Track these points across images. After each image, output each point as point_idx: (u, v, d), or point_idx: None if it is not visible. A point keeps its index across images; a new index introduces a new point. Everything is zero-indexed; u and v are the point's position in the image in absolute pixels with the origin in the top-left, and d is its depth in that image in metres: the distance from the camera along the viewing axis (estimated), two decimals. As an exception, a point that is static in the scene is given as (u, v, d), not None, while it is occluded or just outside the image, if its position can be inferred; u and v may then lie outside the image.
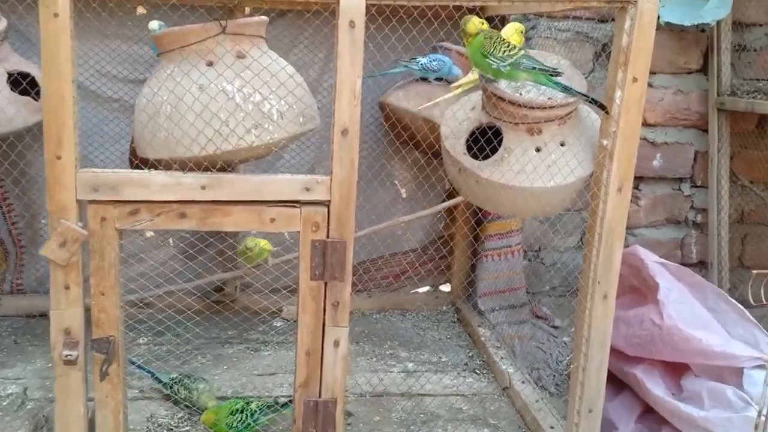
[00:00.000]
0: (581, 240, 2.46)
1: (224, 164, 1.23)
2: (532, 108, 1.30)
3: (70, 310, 1.20)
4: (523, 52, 1.29)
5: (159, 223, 1.21)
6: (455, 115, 1.45)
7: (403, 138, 2.01)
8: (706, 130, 2.13)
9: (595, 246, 1.37)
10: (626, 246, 2.30)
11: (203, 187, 1.20)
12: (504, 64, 1.27)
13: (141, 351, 1.92)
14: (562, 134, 1.36)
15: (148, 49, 1.99)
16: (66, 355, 1.20)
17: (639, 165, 2.16)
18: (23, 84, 1.69)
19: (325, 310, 1.29)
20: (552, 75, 1.27)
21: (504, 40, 1.30)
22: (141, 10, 2.01)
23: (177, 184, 1.19)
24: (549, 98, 1.32)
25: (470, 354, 2.03)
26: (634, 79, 1.28)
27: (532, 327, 2.24)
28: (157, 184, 1.19)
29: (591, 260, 1.38)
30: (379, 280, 2.35)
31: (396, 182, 2.30)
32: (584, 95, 1.31)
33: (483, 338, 2.04)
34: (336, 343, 1.31)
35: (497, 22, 2.03)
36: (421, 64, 1.95)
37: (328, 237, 1.26)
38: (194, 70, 1.20)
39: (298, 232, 1.25)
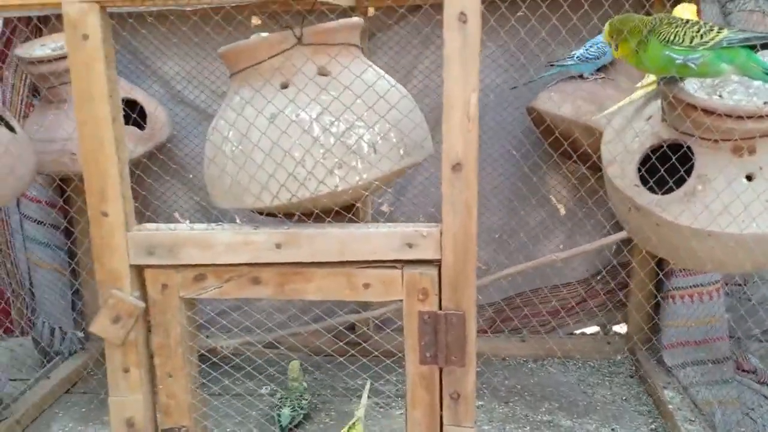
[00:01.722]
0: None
1: (304, 215, 0.95)
2: (741, 118, 0.87)
3: (132, 396, 0.99)
4: (726, 31, 0.87)
5: (228, 291, 0.97)
6: (624, 129, 1.05)
7: (561, 149, 1.62)
8: None
9: None
10: None
11: (278, 246, 0.93)
12: (695, 55, 0.86)
13: (263, 404, 1.72)
14: (789, 153, 0.91)
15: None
16: (131, 450, 1.00)
17: None
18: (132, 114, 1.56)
19: (441, 404, 0.97)
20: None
21: (689, 20, 0.89)
22: (256, 20, 1.82)
23: (246, 243, 0.94)
24: (766, 102, 0.88)
25: (653, 426, 1.58)
26: None
27: (737, 387, 1.73)
28: (222, 243, 0.94)
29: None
30: (534, 319, 1.97)
31: (552, 197, 1.91)
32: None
33: (671, 405, 1.58)
34: (459, 449, 0.98)
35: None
36: (577, 57, 1.56)
37: (440, 308, 0.94)
38: (264, 95, 0.94)
39: (401, 301, 0.95)
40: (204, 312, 1.93)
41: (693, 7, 1.25)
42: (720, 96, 0.95)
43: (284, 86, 0.96)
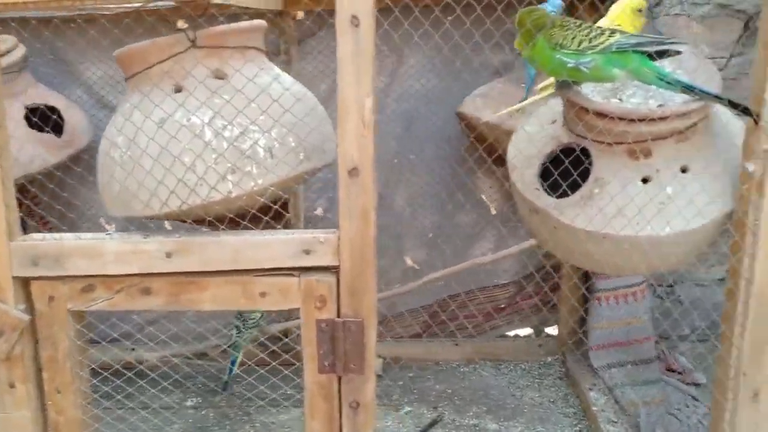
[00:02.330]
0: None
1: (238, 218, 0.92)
2: (633, 121, 0.88)
3: (18, 413, 0.95)
4: (618, 35, 0.87)
5: (119, 302, 0.93)
6: (526, 133, 1.05)
7: (490, 153, 1.62)
8: None
9: (738, 322, 0.92)
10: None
11: (168, 255, 0.90)
12: (585, 60, 0.86)
13: (188, 416, 1.68)
14: (684, 156, 0.92)
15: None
16: (18, 470, 0.95)
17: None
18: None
19: (341, 413, 0.95)
20: (662, 55, 0.85)
21: (582, 24, 0.89)
22: (182, 24, 1.77)
23: (136, 252, 0.90)
24: (660, 104, 0.89)
25: (578, 427, 1.59)
26: (797, 69, 0.82)
27: (663, 387, 1.75)
28: (111, 252, 0.90)
29: (732, 342, 0.93)
30: (467, 321, 1.97)
31: (483, 197, 1.91)
32: (716, 96, 0.87)
33: (595, 407, 1.59)
34: (359, 459, 0.96)
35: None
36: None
37: (339, 315, 0.92)
38: (153, 99, 0.91)
39: (298, 309, 0.93)
40: (131, 321, 1.87)
41: (638, 3, 1.21)
42: (620, 99, 0.95)
43: (178, 90, 0.93)
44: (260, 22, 0.98)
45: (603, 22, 1.17)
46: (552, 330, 2.01)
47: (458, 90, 1.76)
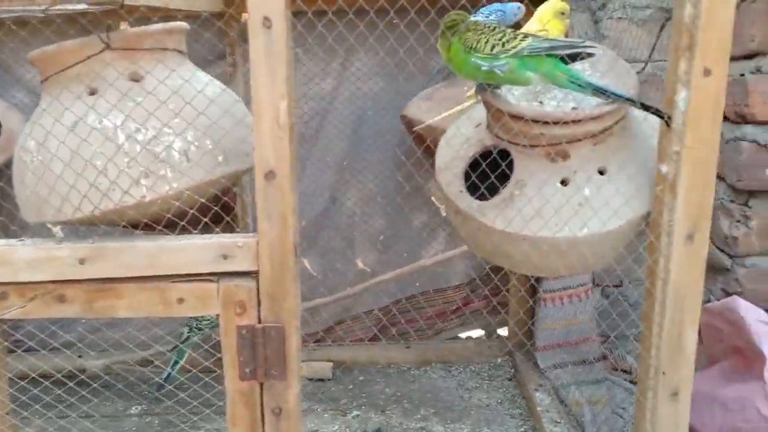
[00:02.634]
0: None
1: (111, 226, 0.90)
2: (548, 123, 0.88)
3: (-71, 425, 0.92)
4: (530, 39, 0.87)
5: (34, 310, 0.91)
6: (453, 136, 1.05)
7: (426, 155, 1.62)
8: (841, 126, 1.58)
9: (656, 321, 0.93)
10: (727, 282, 1.77)
11: (82, 261, 0.88)
12: (500, 63, 0.86)
13: (132, 424, 1.65)
14: (600, 158, 0.93)
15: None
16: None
17: (747, 176, 1.66)
18: None
19: (263, 420, 0.94)
20: (576, 58, 0.85)
21: (496, 28, 0.89)
22: (124, 25, 1.75)
23: (49, 259, 0.88)
24: (575, 107, 0.89)
25: (523, 428, 1.60)
26: (707, 72, 0.83)
27: (609, 387, 1.77)
28: (23, 259, 0.88)
29: (652, 341, 0.94)
30: (419, 323, 1.97)
31: (433, 199, 1.91)
32: (627, 99, 0.87)
33: (540, 408, 1.60)
34: (285, 465, 0.95)
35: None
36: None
37: (259, 321, 0.91)
38: (64, 102, 0.89)
39: (218, 315, 0.91)
40: (73, 328, 1.84)
41: (561, 5, 1.23)
42: (540, 102, 0.96)
43: (92, 93, 0.91)
44: (180, 24, 0.97)
45: (531, 25, 1.19)
46: (503, 331, 2.02)
47: (406, 92, 1.76)
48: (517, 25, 1.54)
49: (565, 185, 0.92)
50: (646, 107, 0.86)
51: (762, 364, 1.17)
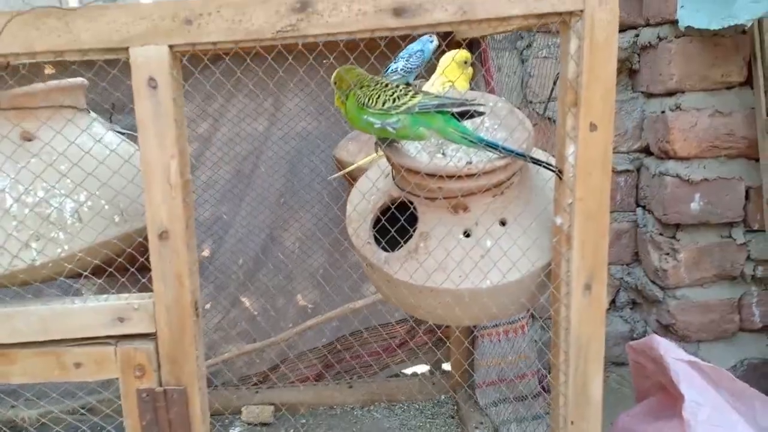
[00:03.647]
0: (613, 301, 1.97)
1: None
2: (443, 177, 0.89)
3: None
4: (421, 96, 0.88)
5: None
6: (363, 185, 1.06)
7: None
8: (757, 159, 1.62)
9: (561, 370, 0.93)
10: (660, 313, 1.80)
11: (-29, 328, 0.86)
12: (392, 120, 0.87)
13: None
14: (500, 210, 0.94)
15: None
16: None
17: (673, 209, 1.69)
18: None
19: (167, 485, 0.91)
20: (467, 113, 0.86)
21: (389, 84, 0.90)
22: (49, 69, 1.73)
23: (-64, 326, 0.86)
24: (469, 162, 0.90)
25: (461, 469, 1.59)
26: (593, 126, 0.85)
27: (547, 422, 1.77)
28: None
29: (558, 390, 0.94)
30: (359, 362, 1.95)
31: None
32: (518, 154, 0.89)
33: (478, 446, 1.59)
34: None
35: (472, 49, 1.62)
36: (402, 70, 1.52)
37: (160, 384, 0.89)
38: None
39: (117, 379, 0.89)
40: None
41: (463, 55, 1.27)
42: (443, 154, 0.96)
43: (-20, 154, 0.89)
44: (77, 81, 0.96)
45: (435, 78, 1.20)
46: (449, 366, 2.01)
47: (336, 132, 1.77)
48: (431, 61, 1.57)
49: (468, 237, 0.93)
50: (536, 161, 0.88)
51: (681, 403, 1.18)
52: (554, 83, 1.00)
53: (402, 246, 0.95)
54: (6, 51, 0.81)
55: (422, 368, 2.05)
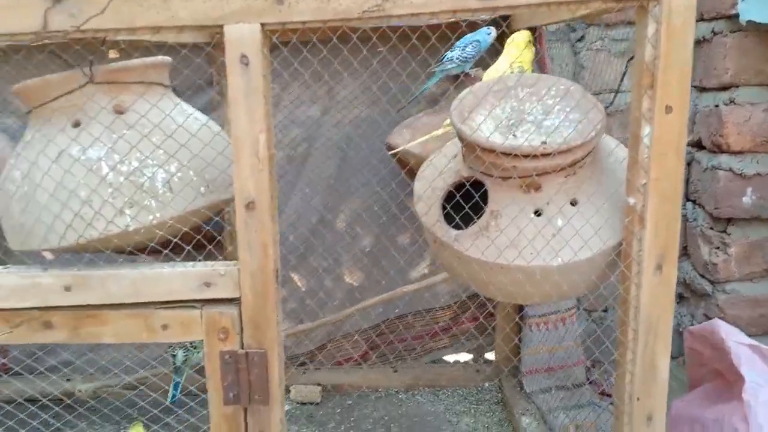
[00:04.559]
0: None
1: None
2: (518, 156, 0.92)
3: None
4: None
5: (20, 336, 0.93)
6: (431, 166, 1.09)
7: (409, 179, 1.66)
8: (814, 154, 1.62)
9: (629, 348, 0.95)
10: (709, 307, 1.80)
11: (67, 288, 0.91)
12: None
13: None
14: (572, 189, 0.96)
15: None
16: None
17: (725, 203, 1.69)
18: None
19: (246, 444, 0.96)
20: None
21: None
22: (113, 54, 1.79)
23: (34, 286, 0.91)
24: (544, 141, 0.93)
25: (508, 453, 1.62)
26: (668, 109, 0.87)
27: (595, 410, 1.78)
28: (7, 286, 0.91)
29: (626, 367, 0.96)
30: (404, 345, 1.98)
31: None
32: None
33: (527, 431, 1.62)
34: (267, 487, 0.97)
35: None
36: (458, 59, 1.56)
37: (242, 347, 0.93)
38: (47, 135, 0.92)
39: (202, 341, 0.94)
40: (59, 353, 1.85)
41: (520, 39, 1.29)
42: (514, 135, 0.99)
43: (76, 125, 0.94)
44: (163, 59, 1.00)
45: (503, 58, 1.23)
46: (491, 355, 2.03)
47: (389, 119, 1.80)
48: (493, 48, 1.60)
49: (539, 216, 0.96)
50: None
51: (741, 385, 1.19)
52: (624, 71, 1.02)
53: (474, 223, 0.98)
54: (108, 26, 0.85)
55: (464, 357, 2.07)
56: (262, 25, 0.87)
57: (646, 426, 0.97)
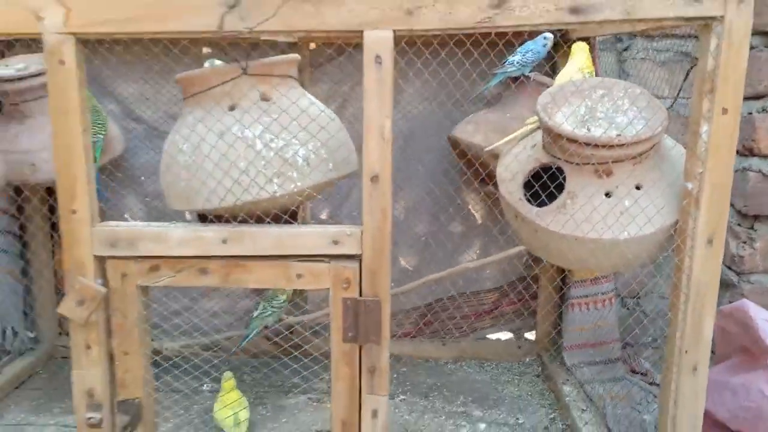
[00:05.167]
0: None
1: (247, 216, 1.13)
2: (596, 146, 1.11)
3: (92, 370, 1.14)
4: None
5: (180, 280, 1.14)
6: (513, 154, 1.28)
7: (477, 173, 1.86)
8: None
9: (681, 309, 1.14)
10: (734, 296, 1.99)
11: (224, 241, 1.11)
12: None
13: (204, 398, 1.86)
14: (638, 176, 1.15)
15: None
16: (89, 418, 1.14)
17: (753, 202, 1.88)
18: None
19: (361, 376, 1.16)
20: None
21: None
22: (207, 50, 2.00)
23: (197, 238, 1.11)
24: (618, 134, 1.12)
25: (552, 416, 1.81)
26: (724, 111, 1.06)
27: (626, 385, 1.97)
28: (175, 238, 1.11)
29: (677, 325, 1.16)
30: (453, 323, 2.18)
31: (471, 208, 2.14)
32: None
33: (567, 398, 1.81)
34: (374, 414, 1.17)
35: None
36: (518, 63, 1.76)
37: (360, 295, 1.13)
38: (214, 115, 1.13)
39: (328, 289, 1.14)
40: (154, 312, 2.06)
41: (584, 46, 1.49)
42: (588, 129, 1.19)
43: (232, 108, 1.14)
44: (296, 56, 1.20)
45: (570, 65, 1.42)
46: (530, 335, 2.23)
47: (450, 116, 1.99)
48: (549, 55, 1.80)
49: (609, 197, 1.15)
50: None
51: (767, 355, 1.38)
52: (685, 78, 1.21)
53: (553, 202, 1.17)
54: (274, 28, 1.05)
55: (506, 335, 2.27)
56: (394, 31, 1.06)
57: (693, 375, 1.16)
